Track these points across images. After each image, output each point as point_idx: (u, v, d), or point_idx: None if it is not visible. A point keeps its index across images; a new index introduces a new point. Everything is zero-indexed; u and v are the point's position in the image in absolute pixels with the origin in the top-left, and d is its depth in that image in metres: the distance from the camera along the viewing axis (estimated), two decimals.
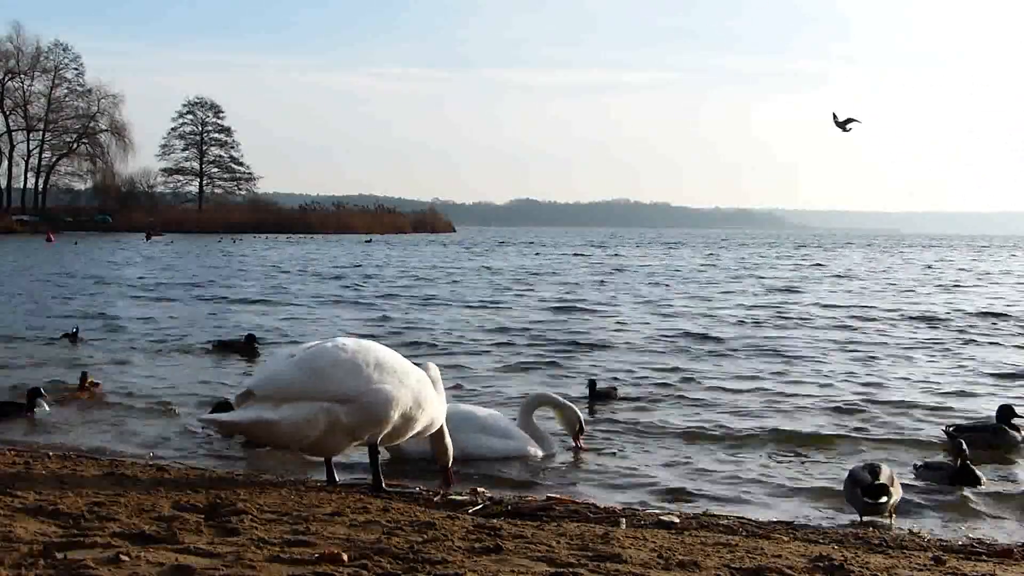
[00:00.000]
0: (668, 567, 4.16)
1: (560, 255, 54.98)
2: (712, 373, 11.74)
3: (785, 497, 6.59)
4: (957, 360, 13.22)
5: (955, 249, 77.76)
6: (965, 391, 10.71)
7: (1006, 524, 6.09)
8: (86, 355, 12.61)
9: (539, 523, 5.21)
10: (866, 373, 11.86)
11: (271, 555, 4.00)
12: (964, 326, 17.60)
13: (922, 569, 4.45)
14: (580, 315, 19.30)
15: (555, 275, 34.33)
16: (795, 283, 30.42)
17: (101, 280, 28.01)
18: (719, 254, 58.93)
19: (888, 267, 44.14)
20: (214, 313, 19.07)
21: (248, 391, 5.69)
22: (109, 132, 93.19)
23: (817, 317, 18.92)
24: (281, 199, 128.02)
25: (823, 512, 6.25)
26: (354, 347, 5.79)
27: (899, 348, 14.37)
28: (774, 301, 22.97)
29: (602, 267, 41.03)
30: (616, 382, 10.68)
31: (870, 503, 5.81)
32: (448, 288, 26.99)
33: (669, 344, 14.57)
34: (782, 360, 12.92)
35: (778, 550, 4.68)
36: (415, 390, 5.83)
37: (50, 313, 18.24)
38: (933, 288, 29.04)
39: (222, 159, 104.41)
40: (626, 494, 6.60)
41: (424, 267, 38.97)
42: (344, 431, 5.70)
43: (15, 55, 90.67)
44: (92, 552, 3.90)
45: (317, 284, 28.09)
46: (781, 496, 6.61)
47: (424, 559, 4.00)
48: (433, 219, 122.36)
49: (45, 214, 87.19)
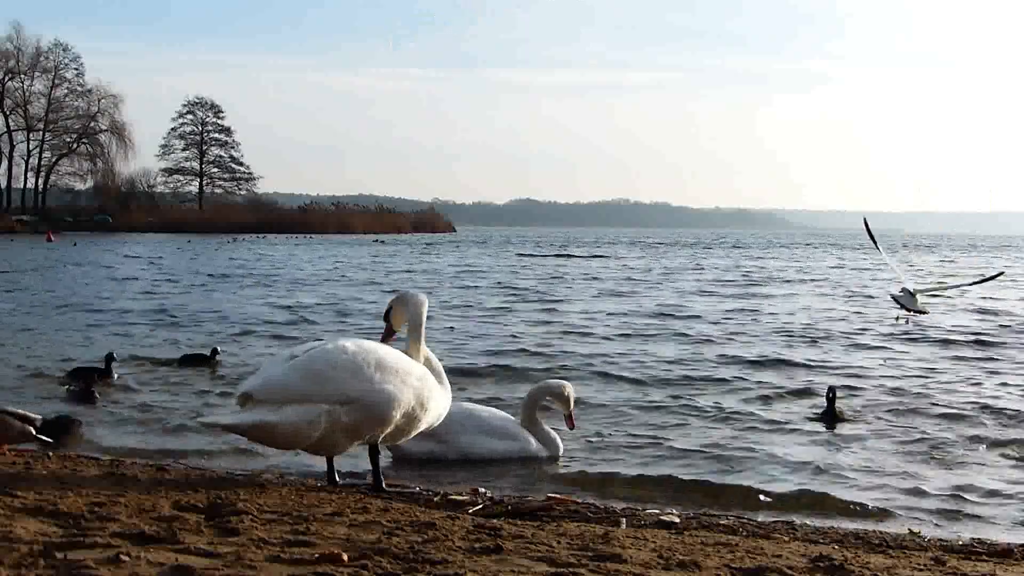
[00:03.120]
0: (668, 567, 4.16)
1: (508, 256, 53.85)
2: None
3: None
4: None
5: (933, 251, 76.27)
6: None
7: (1006, 524, 6.09)
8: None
9: (539, 523, 5.21)
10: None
11: (271, 555, 4.00)
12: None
13: (922, 569, 4.45)
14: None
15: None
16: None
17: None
18: (663, 257, 55.29)
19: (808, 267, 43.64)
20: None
21: (247, 393, 5.68)
22: (109, 132, 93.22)
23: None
24: (281, 199, 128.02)
25: (824, 512, 6.25)
26: (354, 348, 5.78)
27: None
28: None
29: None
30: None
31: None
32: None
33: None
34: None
35: (778, 550, 4.68)
36: (417, 389, 5.83)
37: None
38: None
39: (222, 159, 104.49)
40: (627, 494, 6.61)
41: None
42: (346, 432, 5.70)
43: (15, 55, 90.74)
44: (92, 552, 3.90)
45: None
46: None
47: (424, 559, 4.00)
48: (433, 219, 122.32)
49: (45, 214, 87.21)
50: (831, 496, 6.54)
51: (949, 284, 9.86)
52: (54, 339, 14.32)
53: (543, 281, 31.11)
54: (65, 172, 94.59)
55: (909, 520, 6.08)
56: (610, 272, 37.42)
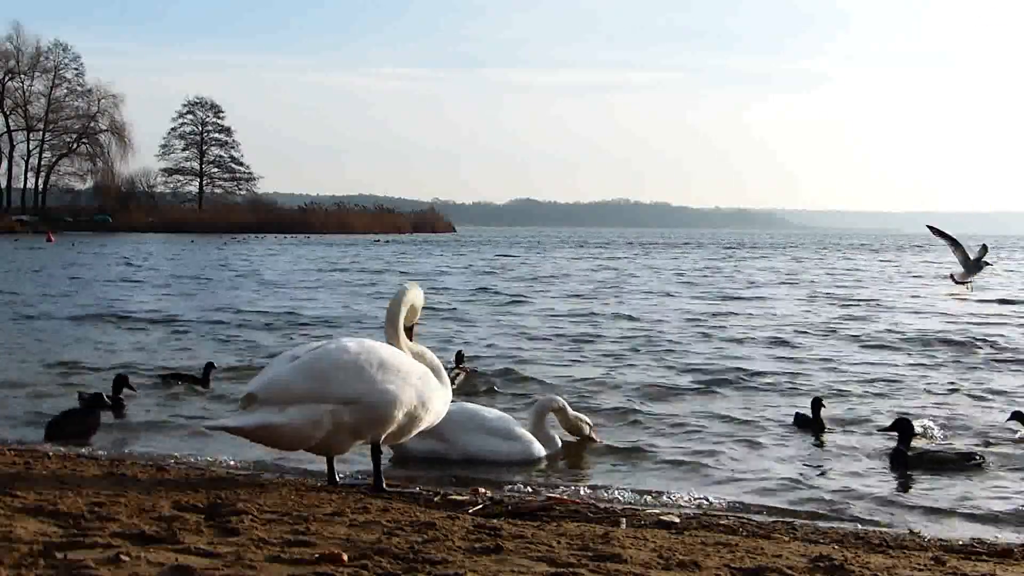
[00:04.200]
0: (668, 567, 4.16)
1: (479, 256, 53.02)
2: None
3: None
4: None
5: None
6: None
7: (1006, 524, 6.09)
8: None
9: (539, 523, 5.21)
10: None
11: (271, 555, 3.99)
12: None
13: (922, 569, 4.45)
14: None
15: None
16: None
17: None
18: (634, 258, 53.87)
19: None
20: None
21: (251, 394, 5.68)
22: (109, 132, 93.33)
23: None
24: (281, 199, 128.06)
25: (824, 512, 6.25)
26: (356, 348, 5.78)
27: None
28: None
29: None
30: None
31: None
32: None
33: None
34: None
35: (778, 550, 4.68)
36: (418, 388, 5.84)
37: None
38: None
39: (222, 159, 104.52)
40: (626, 494, 6.60)
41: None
42: (349, 432, 5.71)
43: (15, 55, 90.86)
44: (92, 552, 3.89)
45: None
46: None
47: (424, 559, 4.00)
48: (433, 219, 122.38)
49: (45, 214, 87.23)
50: (829, 497, 6.53)
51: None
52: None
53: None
54: (65, 172, 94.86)
55: (909, 520, 6.08)
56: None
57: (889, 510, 6.30)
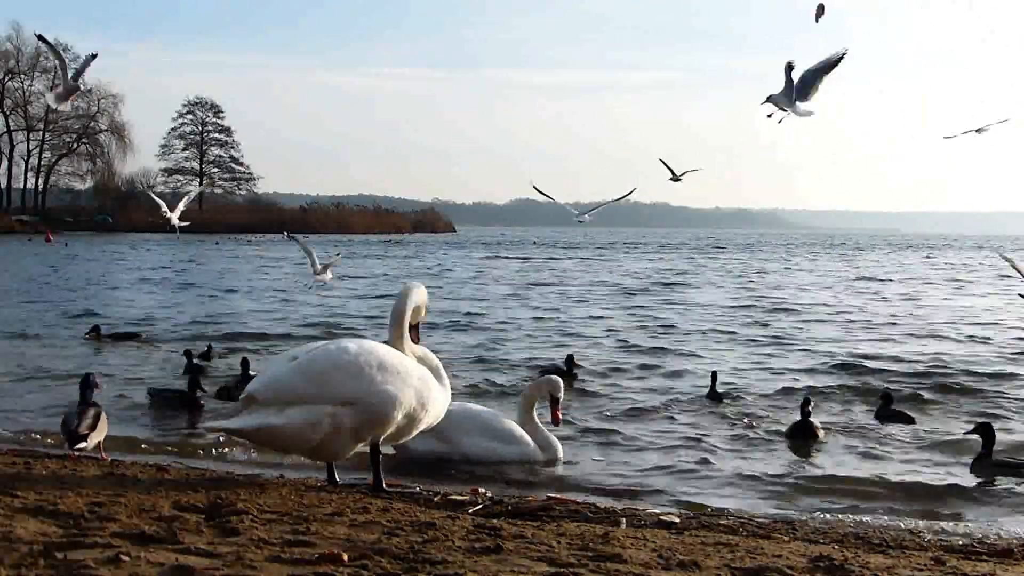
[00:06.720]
0: (668, 567, 4.16)
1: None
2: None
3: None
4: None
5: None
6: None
7: (1006, 524, 6.09)
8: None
9: (539, 523, 5.21)
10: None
11: (271, 555, 3.99)
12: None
13: (922, 569, 4.44)
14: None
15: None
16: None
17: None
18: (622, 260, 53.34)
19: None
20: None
21: (250, 395, 5.68)
22: (109, 132, 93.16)
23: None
24: (281, 199, 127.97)
25: (823, 511, 6.25)
26: (356, 349, 5.78)
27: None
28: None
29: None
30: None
31: None
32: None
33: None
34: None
35: (778, 550, 4.68)
36: (418, 389, 5.83)
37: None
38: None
39: (222, 159, 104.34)
40: (626, 494, 6.60)
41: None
42: (349, 433, 5.70)
43: (15, 55, 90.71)
44: (92, 552, 3.89)
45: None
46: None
47: (424, 559, 4.00)
48: (433, 219, 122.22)
49: (45, 214, 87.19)
50: (829, 497, 6.54)
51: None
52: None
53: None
54: (65, 172, 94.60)
55: (909, 520, 6.07)
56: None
57: (890, 509, 6.31)
